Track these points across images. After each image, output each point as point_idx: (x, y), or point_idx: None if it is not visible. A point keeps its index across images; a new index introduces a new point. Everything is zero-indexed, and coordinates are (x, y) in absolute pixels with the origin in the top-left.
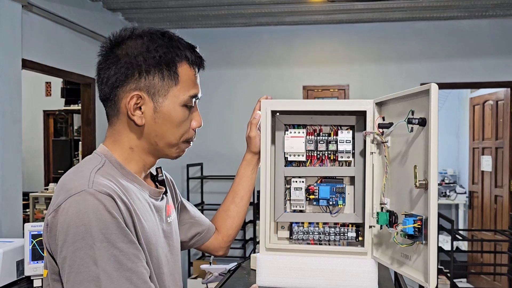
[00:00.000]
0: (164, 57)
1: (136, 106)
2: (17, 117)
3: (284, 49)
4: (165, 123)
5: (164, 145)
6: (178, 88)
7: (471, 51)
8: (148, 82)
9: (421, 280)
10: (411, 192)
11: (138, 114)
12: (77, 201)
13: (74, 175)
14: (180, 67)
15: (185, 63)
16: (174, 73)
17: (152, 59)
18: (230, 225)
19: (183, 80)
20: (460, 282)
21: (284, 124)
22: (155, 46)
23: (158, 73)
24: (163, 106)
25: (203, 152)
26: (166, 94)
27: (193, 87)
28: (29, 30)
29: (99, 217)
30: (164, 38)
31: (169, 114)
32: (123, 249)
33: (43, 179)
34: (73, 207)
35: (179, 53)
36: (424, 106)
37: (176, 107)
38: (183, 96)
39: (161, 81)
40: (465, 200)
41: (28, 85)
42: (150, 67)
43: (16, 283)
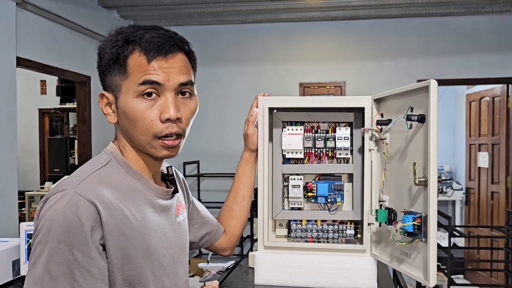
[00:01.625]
0: (110, 53)
1: (106, 104)
2: (12, 115)
3: (280, 46)
4: (125, 118)
5: (137, 143)
6: (129, 80)
7: (468, 47)
8: (106, 81)
9: (421, 278)
10: (410, 189)
11: (110, 112)
12: (57, 198)
13: (76, 173)
14: (130, 58)
15: (136, 52)
16: (122, 66)
17: (104, 57)
18: (235, 224)
19: (133, 71)
20: (457, 278)
21: (281, 121)
22: (106, 43)
23: (110, 71)
24: (120, 101)
25: (200, 150)
26: (120, 89)
27: (143, 75)
28: (24, 27)
29: (66, 219)
30: (114, 34)
31: (123, 108)
32: (77, 258)
33: (38, 177)
34: (51, 202)
35: (127, 45)
36: (423, 102)
37: (129, 100)
38: (134, 87)
39: (114, 77)
40: (461, 196)
41: (23, 83)
42: (106, 66)
43: (12, 283)
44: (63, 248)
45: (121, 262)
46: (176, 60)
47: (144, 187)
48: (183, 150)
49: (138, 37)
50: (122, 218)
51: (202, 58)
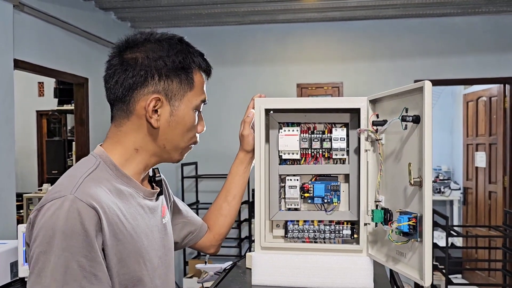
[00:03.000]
0: (183, 62)
1: (153, 108)
2: (10, 117)
3: (277, 47)
4: (178, 126)
5: (171, 148)
6: (193, 93)
7: (465, 47)
8: (166, 85)
9: (416, 277)
10: (405, 189)
11: (155, 117)
12: (56, 205)
13: (66, 178)
14: (194, 73)
15: (198, 69)
16: (190, 78)
17: (172, 64)
18: (222, 223)
19: (196, 86)
20: (455, 278)
21: (278, 122)
22: (175, 51)
23: (176, 78)
24: (179, 110)
25: (198, 151)
26: (182, 98)
27: (203, 93)
28: (21, 30)
29: (69, 226)
30: (182, 44)
31: (183, 118)
32: (83, 264)
33: (36, 179)
34: (51, 210)
35: (195, 60)
36: (418, 103)
37: (189, 111)
38: (196, 101)
39: (179, 85)
40: (459, 196)
41: (20, 85)
42: (170, 71)
43: (10, 285)
44: (68, 256)
45: (117, 266)
46: None
47: (132, 190)
48: None
49: (198, 54)
50: (117, 222)
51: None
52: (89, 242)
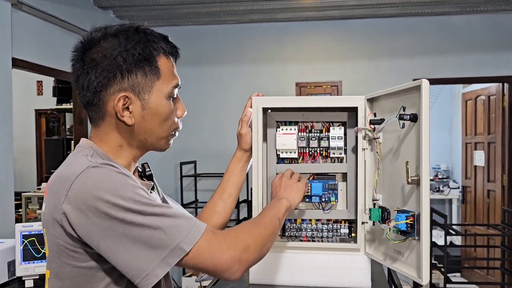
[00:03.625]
0: (143, 53)
1: (124, 107)
2: (8, 116)
3: (276, 46)
4: (154, 118)
5: (153, 140)
6: (161, 81)
7: (463, 46)
8: (131, 81)
9: (414, 276)
10: (403, 188)
11: (127, 115)
12: (86, 177)
13: (68, 167)
14: (159, 60)
15: (162, 55)
16: (155, 67)
17: (132, 58)
18: (216, 221)
19: (164, 73)
20: (454, 276)
21: (275, 121)
22: (133, 43)
23: (140, 71)
24: (150, 102)
25: (196, 150)
26: (151, 89)
27: (173, 78)
28: (19, 28)
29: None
30: (139, 33)
31: (156, 109)
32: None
33: (35, 178)
34: (87, 183)
35: (156, 47)
36: (415, 102)
37: (162, 101)
38: (167, 88)
39: (144, 77)
40: (458, 195)
41: (19, 84)
42: (131, 66)
43: (7, 284)
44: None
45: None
46: None
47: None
48: (180, 150)
49: (159, 39)
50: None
51: (198, 58)
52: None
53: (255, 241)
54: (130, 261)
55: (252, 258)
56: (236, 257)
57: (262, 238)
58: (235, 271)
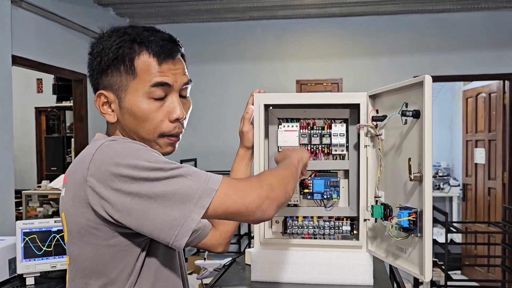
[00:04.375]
0: (116, 52)
1: (105, 104)
2: (8, 114)
3: (277, 43)
4: (131, 118)
5: (141, 140)
6: (137, 81)
7: (464, 43)
8: (108, 80)
9: (416, 273)
10: (405, 185)
11: (109, 112)
12: (105, 149)
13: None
14: (138, 59)
15: (145, 54)
16: (130, 66)
17: (106, 57)
18: (228, 221)
19: (143, 72)
20: (455, 274)
21: (277, 118)
22: (110, 43)
23: (115, 70)
24: (125, 101)
25: (197, 148)
26: (127, 89)
27: (154, 76)
28: (19, 26)
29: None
30: (119, 33)
31: (131, 108)
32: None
33: (35, 176)
34: (107, 154)
35: (135, 46)
36: (418, 98)
37: (137, 100)
38: (144, 88)
39: (119, 77)
40: (458, 192)
41: (19, 82)
42: (106, 65)
43: (8, 281)
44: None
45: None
46: (180, 62)
47: None
48: (180, 148)
49: (146, 39)
50: None
51: (199, 55)
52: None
53: (278, 180)
54: (164, 217)
55: (278, 195)
56: (263, 195)
57: (283, 177)
58: (266, 208)
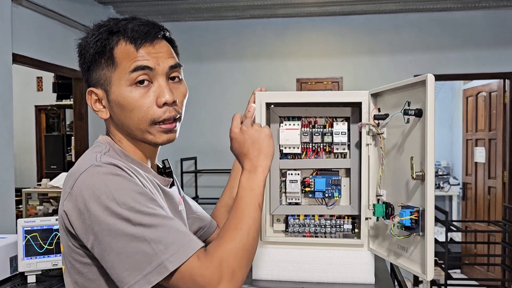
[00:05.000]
0: (95, 47)
1: (96, 101)
2: (8, 112)
3: (277, 42)
4: (120, 110)
5: (136, 133)
6: (119, 70)
7: (464, 42)
8: (94, 76)
9: (418, 271)
10: (407, 183)
11: (100, 109)
12: (87, 176)
13: (80, 162)
14: (116, 49)
15: (122, 42)
16: (109, 58)
17: (88, 53)
18: None
19: (121, 61)
20: (454, 273)
21: (279, 116)
22: (88, 39)
23: (97, 66)
24: (111, 94)
25: (197, 146)
26: (111, 81)
27: (132, 61)
28: (19, 24)
29: (113, 180)
30: (95, 28)
31: (117, 100)
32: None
33: (35, 174)
34: (86, 182)
35: (110, 37)
36: (420, 97)
37: (122, 90)
38: (125, 76)
39: (102, 70)
40: (458, 191)
41: (19, 80)
42: (89, 61)
43: (10, 279)
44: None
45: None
46: (162, 45)
47: (147, 174)
48: (181, 146)
49: (122, 28)
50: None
51: (199, 53)
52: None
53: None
54: (115, 270)
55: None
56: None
57: (247, 252)
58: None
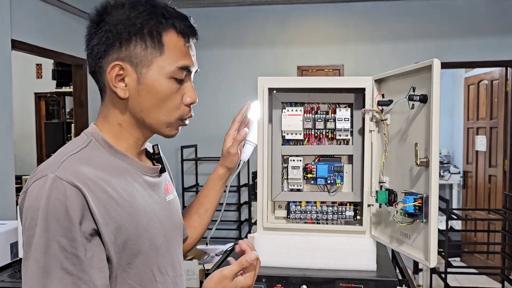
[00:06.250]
0: (146, 24)
1: (119, 77)
2: (8, 99)
3: (278, 29)
4: (150, 96)
5: (151, 122)
6: (164, 58)
7: (466, 30)
8: (129, 51)
9: (421, 258)
10: (411, 170)
11: (121, 86)
12: (38, 185)
13: (53, 157)
14: (165, 35)
15: (173, 31)
16: (158, 42)
17: (132, 27)
18: (191, 235)
19: (170, 50)
20: (454, 261)
21: (281, 102)
22: (136, 13)
23: (139, 42)
24: (147, 77)
25: (197, 134)
26: (150, 64)
27: (182, 58)
28: (18, 9)
29: (50, 206)
30: (147, 5)
31: (153, 85)
32: (63, 244)
33: (35, 162)
34: (35, 191)
35: (164, 21)
36: (425, 82)
37: (161, 78)
38: (170, 66)
39: (144, 50)
40: (459, 180)
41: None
42: (130, 35)
43: (10, 265)
44: (48, 236)
45: (114, 245)
46: (194, 47)
47: (129, 166)
48: (181, 134)
49: (173, 16)
50: (107, 199)
51: (200, 40)
52: (70, 221)
53: None
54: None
55: None
56: None
57: None
58: None
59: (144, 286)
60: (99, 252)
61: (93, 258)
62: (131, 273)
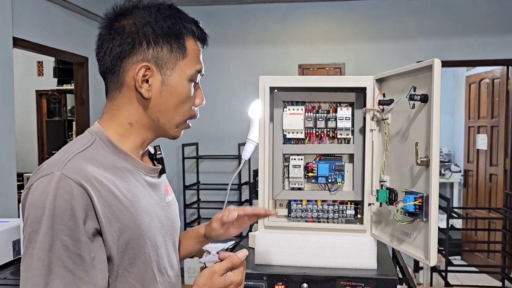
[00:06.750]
0: (173, 28)
1: (144, 78)
2: (9, 97)
3: (279, 27)
4: (171, 97)
5: (165, 122)
6: (186, 61)
7: (468, 28)
8: (156, 53)
9: (421, 257)
10: (411, 169)
11: (146, 87)
12: (44, 182)
13: (58, 154)
14: (187, 40)
15: (191, 37)
16: (182, 45)
17: (160, 30)
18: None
19: (190, 54)
20: (454, 259)
21: (282, 101)
22: (163, 16)
23: (166, 44)
24: (171, 79)
25: (199, 132)
26: (174, 67)
27: (198, 62)
28: (20, 7)
29: (56, 205)
30: (172, 9)
31: (176, 87)
32: (66, 243)
33: (37, 160)
34: (39, 188)
35: (186, 26)
36: (426, 82)
37: (183, 81)
38: (190, 70)
39: (170, 53)
40: (460, 178)
41: (19, 65)
42: (158, 37)
43: (12, 263)
44: (53, 234)
45: (116, 244)
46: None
47: (132, 166)
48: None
49: (191, 21)
50: (111, 199)
51: None
52: (75, 221)
53: None
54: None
55: None
56: None
57: None
58: None
59: (145, 285)
60: (101, 253)
61: (95, 259)
62: (133, 273)
